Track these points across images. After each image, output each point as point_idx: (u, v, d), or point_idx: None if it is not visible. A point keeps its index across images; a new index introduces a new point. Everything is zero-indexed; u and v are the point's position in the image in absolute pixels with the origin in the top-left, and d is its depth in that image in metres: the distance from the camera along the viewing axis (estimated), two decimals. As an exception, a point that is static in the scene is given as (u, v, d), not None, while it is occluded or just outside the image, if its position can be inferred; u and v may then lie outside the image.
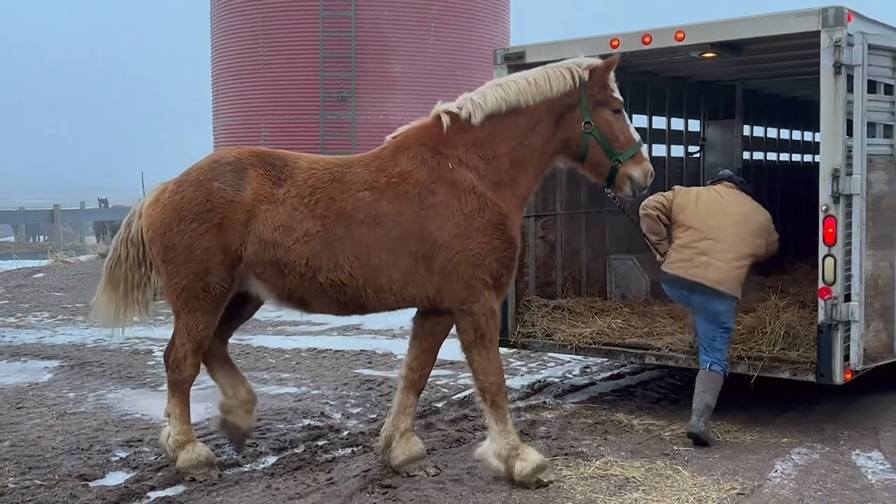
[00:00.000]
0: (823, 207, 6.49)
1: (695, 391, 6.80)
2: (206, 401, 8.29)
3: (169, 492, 5.71)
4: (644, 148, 6.07)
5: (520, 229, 5.97)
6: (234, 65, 23.35)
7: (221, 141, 24.17)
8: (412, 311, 6.14)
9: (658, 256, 7.32)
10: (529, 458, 5.71)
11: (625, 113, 6.00)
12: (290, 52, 22.01)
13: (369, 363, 10.05)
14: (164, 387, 8.81)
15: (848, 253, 6.48)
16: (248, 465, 6.26)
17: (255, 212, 5.60)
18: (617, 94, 5.94)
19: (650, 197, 7.18)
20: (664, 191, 7.36)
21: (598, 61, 5.92)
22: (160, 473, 6.03)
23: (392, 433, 6.02)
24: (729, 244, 6.83)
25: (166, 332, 12.31)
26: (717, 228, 6.87)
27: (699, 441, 6.61)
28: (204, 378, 9.15)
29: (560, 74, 5.84)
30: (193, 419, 7.47)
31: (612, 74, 5.91)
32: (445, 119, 5.81)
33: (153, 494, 5.67)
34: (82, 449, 6.67)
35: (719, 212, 6.96)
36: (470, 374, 5.96)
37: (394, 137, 5.95)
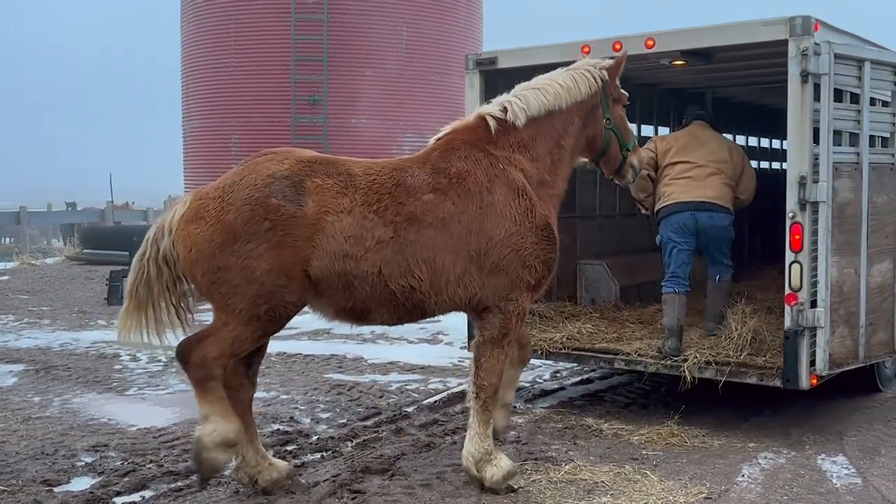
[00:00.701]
0: (790, 214, 6.56)
1: (708, 304, 8.11)
2: (174, 405, 8.23)
3: (135, 497, 5.65)
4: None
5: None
6: (204, 67, 23.21)
7: (191, 144, 24.03)
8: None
9: (643, 210, 8.29)
10: (501, 464, 5.72)
11: None
12: (262, 54, 21.93)
13: (339, 368, 10.02)
14: (133, 391, 8.79)
15: (814, 259, 6.56)
16: (216, 470, 6.19)
17: (322, 225, 5.20)
18: (623, 91, 6.38)
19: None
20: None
21: (611, 61, 6.26)
22: (126, 479, 5.95)
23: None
24: (716, 168, 7.92)
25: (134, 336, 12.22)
26: (702, 157, 7.94)
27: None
28: (172, 382, 9.14)
29: (585, 77, 6.11)
30: (162, 424, 7.45)
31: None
32: (492, 121, 5.88)
33: (119, 500, 5.60)
34: (47, 454, 6.57)
35: (701, 144, 8.04)
36: (472, 372, 5.82)
37: (438, 139, 5.94)
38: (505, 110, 5.90)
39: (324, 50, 21.42)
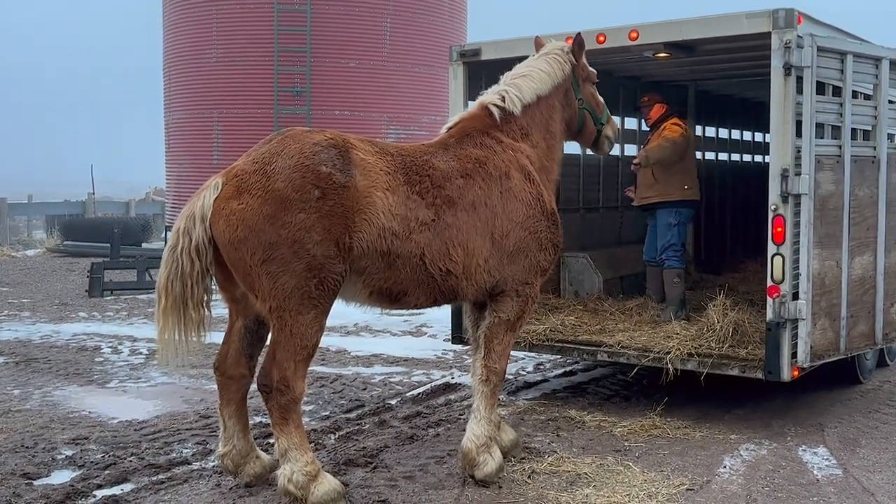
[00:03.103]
0: (773, 207, 6.58)
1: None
2: (155, 398, 8.18)
3: (115, 490, 5.61)
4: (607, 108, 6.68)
5: None
6: (186, 58, 23.04)
7: (173, 135, 23.87)
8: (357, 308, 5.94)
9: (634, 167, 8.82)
10: (497, 455, 5.75)
11: None
12: (245, 45, 21.79)
13: (322, 360, 9.99)
14: (114, 384, 8.72)
15: (796, 252, 6.59)
16: (198, 463, 6.17)
17: (372, 199, 5.06)
18: (591, 69, 6.53)
19: (673, 137, 8.66)
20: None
21: (573, 43, 6.36)
22: (107, 471, 5.91)
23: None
24: None
25: (115, 328, 12.20)
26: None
27: None
28: (153, 375, 9.09)
29: (558, 61, 6.27)
30: (143, 416, 7.41)
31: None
32: (495, 110, 5.99)
33: (99, 493, 5.56)
34: (27, 447, 6.52)
35: None
36: (481, 356, 5.80)
37: (450, 128, 6.02)
38: (503, 99, 6.02)
39: (307, 41, 21.31)
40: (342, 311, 6.75)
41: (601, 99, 6.59)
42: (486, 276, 5.60)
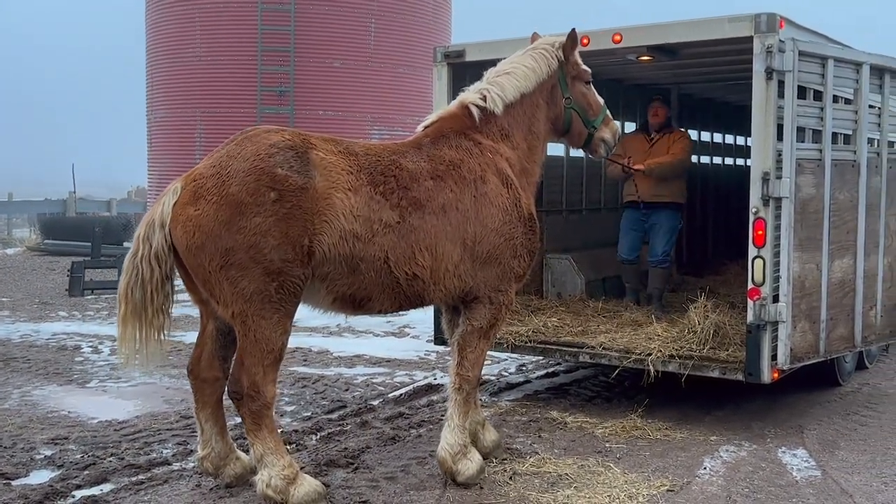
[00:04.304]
0: (753, 210, 6.62)
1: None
2: (135, 398, 8.14)
3: (95, 490, 5.57)
4: (607, 110, 6.42)
5: None
6: (169, 56, 22.96)
7: (155, 134, 23.76)
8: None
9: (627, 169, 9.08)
10: (475, 458, 5.73)
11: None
12: (228, 44, 21.74)
13: (304, 361, 9.97)
14: (94, 383, 8.67)
15: (777, 255, 6.63)
16: (178, 464, 6.14)
17: (331, 201, 4.95)
18: (585, 67, 6.27)
19: (683, 157, 9.12)
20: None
21: (565, 39, 6.14)
22: (86, 472, 5.88)
23: (474, 429, 6.01)
24: None
25: (96, 327, 12.12)
26: None
27: None
28: (134, 374, 9.03)
29: (544, 56, 6.07)
30: (123, 416, 7.37)
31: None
32: (475, 110, 5.84)
33: (78, 493, 5.52)
34: (5, 447, 6.47)
35: None
36: (454, 364, 5.75)
37: (427, 127, 5.88)
38: (484, 98, 5.88)
39: (291, 41, 21.28)
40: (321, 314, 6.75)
41: (598, 99, 6.34)
42: (456, 281, 5.49)
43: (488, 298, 5.67)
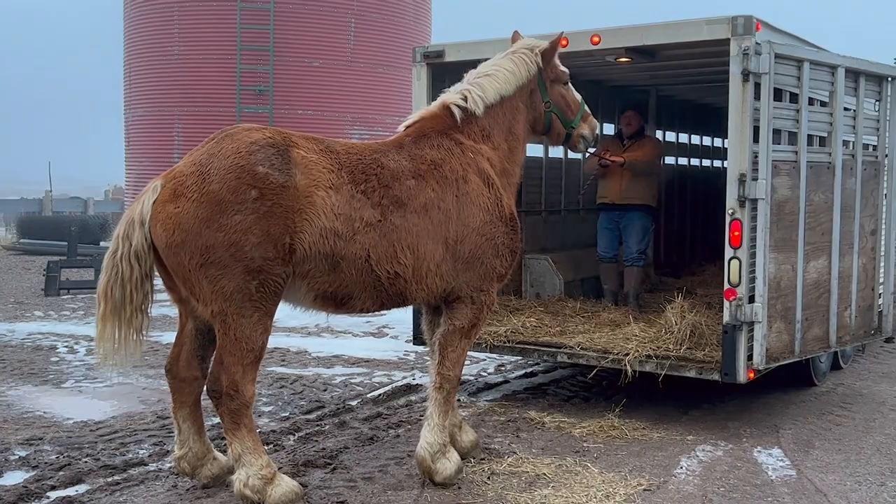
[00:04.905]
0: (730, 211, 6.67)
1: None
2: (111, 398, 8.08)
3: (70, 491, 5.52)
4: (585, 106, 6.48)
5: None
6: (147, 54, 22.82)
7: (133, 132, 23.61)
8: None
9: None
10: (454, 458, 5.73)
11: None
12: (207, 43, 21.64)
13: (283, 361, 9.94)
14: (70, 384, 8.60)
15: (753, 255, 6.68)
16: (154, 464, 6.10)
17: (312, 199, 4.95)
18: (563, 68, 6.33)
19: (654, 159, 9.46)
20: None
21: (546, 43, 6.19)
22: (61, 472, 5.83)
23: (451, 430, 6.00)
24: None
25: (72, 327, 12.03)
26: None
27: None
28: (110, 375, 8.96)
29: (524, 60, 6.11)
30: (99, 417, 7.32)
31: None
32: (457, 110, 5.86)
33: (53, 494, 5.48)
34: (-21, 448, 6.41)
35: None
36: (435, 363, 5.75)
37: (408, 126, 5.89)
38: (465, 98, 5.90)
39: (270, 40, 21.21)
40: (302, 313, 6.73)
41: (576, 97, 6.39)
42: (437, 280, 5.50)
43: (470, 298, 5.69)
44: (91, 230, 25.27)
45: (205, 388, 5.26)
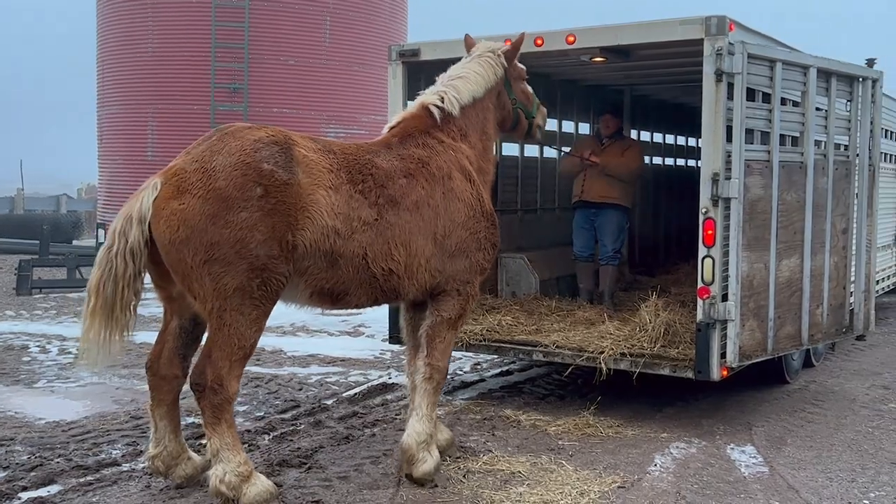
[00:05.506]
0: (703, 210, 6.72)
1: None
2: (84, 398, 8.01)
3: (42, 492, 5.47)
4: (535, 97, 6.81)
5: None
6: (120, 51, 22.61)
7: (106, 130, 23.39)
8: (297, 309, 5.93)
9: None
10: (435, 453, 5.77)
11: None
12: (181, 40, 21.47)
13: (258, 360, 9.89)
14: (42, 383, 8.51)
15: (726, 254, 6.73)
16: (128, 465, 6.05)
17: (315, 198, 5.02)
18: (521, 66, 6.63)
19: (637, 166, 9.52)
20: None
21: (507, 46, 6.46)
22: (33, 473, 5.77)
23: None
24: None
25: (44, 326, 11.90)
26: None
27: None
28: (83, 374, 8.89)
29: (490, 63, 6.35)
30: (72, 417, 7.25)
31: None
32: (436, 110, 6.03)
33: (25, 495, 5.42)
34: (-52, 449, 6.33)
35: None
36: (425, 354, 5.78)
37: (392, 127, 6.04)
38: (442, 99, 6.08)
39: (245, 37, 21.08)
40: (279, 312, 6.66)
41: (530, 90, 6.69)
42: (427, 275, 5.64)
43: (456, 290, 5.84)
44: (63, 229, 25.05)
45: (188, 382, 5.23)
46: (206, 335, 5.17)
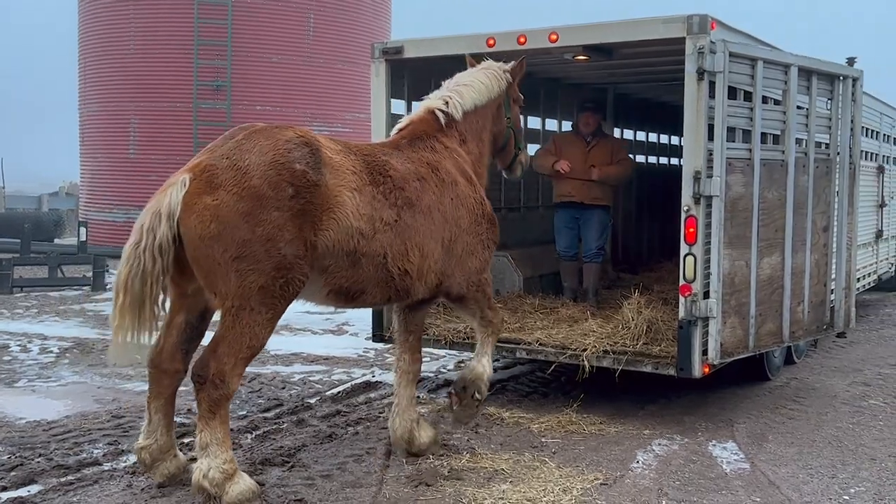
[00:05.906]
0: (685, 208, 6.74)
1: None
2: (65, 398, 7.96)
3: (22, 492, 5.43)
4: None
5: None
6: (102, 48, 22.46)
7: (88, 128, 23.24)
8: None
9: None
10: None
11: None
12: (163, 37, 21.33)
13: (241, 358, 9.85)
14: (23, 383, 8.45)
15: (707, 252, 6.77)
16: (109, 464, 6.02)
17: (341, 199, 5.13)
18: (520, 94, 6.88)
19: (627, 170, 9.61)
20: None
21: (514, 64, 6.67)
22: (13, 473, 5.73)
23: (410, 426, 6.16)
24: None
25: (25, 325, 11.82)
26: None
27: None
28: (64, 374, 8.84)
29: (496, 77, 6.56)
30: (53, 416, 7.21)
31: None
32: (441, 115, 6.21)
33: (4, 495, 5.38)
34: (-73, 449, 6.28)
35: None
36: (468, 322, 6.37)
37: (401, 129, 6.20)
38: (447, 104, 6.26)
39: (228, 34, 20.99)
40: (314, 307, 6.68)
41: (521, 122, 6.97)
42: (433, 277, 5.83)
43: (475, 286, 6.16)
44: (45, 227, 24.87)
45: (188, 376, 5.23)
46: (217, 330, 5.14)
